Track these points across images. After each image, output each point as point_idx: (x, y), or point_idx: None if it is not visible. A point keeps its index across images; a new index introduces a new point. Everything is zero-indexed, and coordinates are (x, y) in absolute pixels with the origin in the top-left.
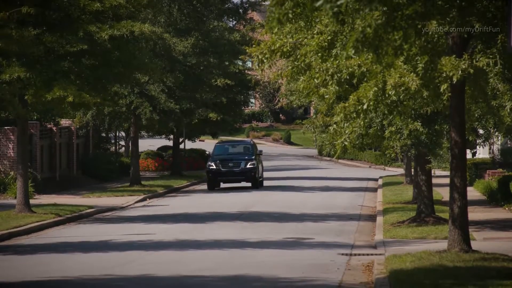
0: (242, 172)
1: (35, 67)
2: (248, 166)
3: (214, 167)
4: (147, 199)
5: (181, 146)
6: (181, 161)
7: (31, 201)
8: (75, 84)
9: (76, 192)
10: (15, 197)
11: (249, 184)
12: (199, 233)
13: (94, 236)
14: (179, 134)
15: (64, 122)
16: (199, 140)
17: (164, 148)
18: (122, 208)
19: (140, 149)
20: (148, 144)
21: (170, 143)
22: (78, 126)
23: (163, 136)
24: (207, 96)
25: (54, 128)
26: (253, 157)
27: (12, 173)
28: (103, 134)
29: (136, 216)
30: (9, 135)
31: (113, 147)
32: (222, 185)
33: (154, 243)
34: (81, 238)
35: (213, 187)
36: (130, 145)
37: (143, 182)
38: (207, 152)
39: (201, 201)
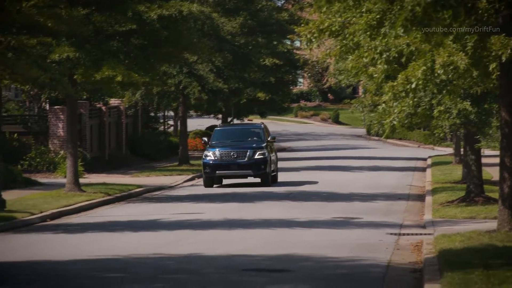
0: (248, 164)
1: (84, 46)
2: (256, 156)
3: (212, 157)
4: (196, 178)
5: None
6: None
7: (81, 180)
8: (124, 64)
9: (125, 171)
10: (65, 176)
11: (258, 180)
12: (248, 212)
13: (143, 215)
14: (228, 113)
15: (113, 101)
16: (248, 120)
17: (212, 128)
18: (170, 187)
19: (189, 128)
20: (196, 123)
21: (219, 122)
22: (127, 106)
23: (212, 115)
24: (255, 76)
25: (103, 108)
26: (263, 144)
27: (62, 152)
28: (152, 114)
29: (185, 195)
30: (59, 114)
31: (162, 127)
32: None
33: (203, 222)
34: (130, 217)
35: (211, 184)
36: (178, 124)
37: (191, 162)
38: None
39: (250, 180)
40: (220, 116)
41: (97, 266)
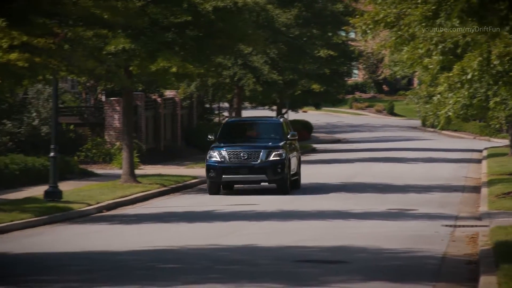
0: (261, 167)
1: (139, 38)
2: (272, 157)
3: (218, 159)
4: None
5: (285, 117)
6: None
7: (136, 172)
8: (179, 55)
9: (180, 162)
10: (121, 167)
11: (274, 186)
12: (302, 203)
13: (198, 206)
14: (282, 105)
15: (169, 93)
16: (302, 111)
17: None
18: None
19: None
20: (251, 115)
21: (273, 114)
22: (182, 97)
23: (266, 107)
24: (310, 67)
25: (158, 99)
26: (281, 143)
27: (118, 143)
28: (207, 105)
29: (240, 186)
30: (115, 106)
31: (217, 118)
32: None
33: (257, 213)
34: (186, 208)
35: (217, 191)
36: (233, 115)
37: None
38: (313, 123)
39: (304, 172)
40: (274, 107)
41: (153, 257)
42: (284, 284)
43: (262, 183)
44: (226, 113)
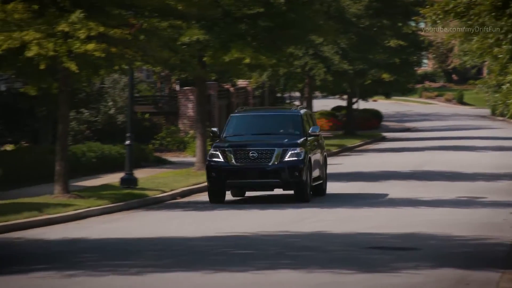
0: (275, 170)
1: (213, 29)
2: (287, 157)
3: (221, 159)
4: None
5: (354, 106)
6: (354, 121)
7: None
8: (251, 46)
9: None
10: (194, 155)
11: (289, 193)
12: (372, 191)
13: (270, 192)
14: (353, 94)
15: (241, 82)
16: (372, 100)
17: (337, 108)
18: None
19: (314, 109)
20: (322, 104)
21: (344, 103)
22: (254, 87)
23: (337, 96)
24: (380, 57)
25: (231, 89)
26: (300, 140)
27: (191, 132)
28: (278, 94)
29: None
30: (189, 95)
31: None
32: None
33: (328, 201)
34: (258, 194)
35: (220, 198)
36: (304, 105)
37: None
38: (383, 112)
39: (374, 160)
40: (345, 97)
41: (226, 243)
42: (355, 270)
43: (275, 189)
44: (297, 102)
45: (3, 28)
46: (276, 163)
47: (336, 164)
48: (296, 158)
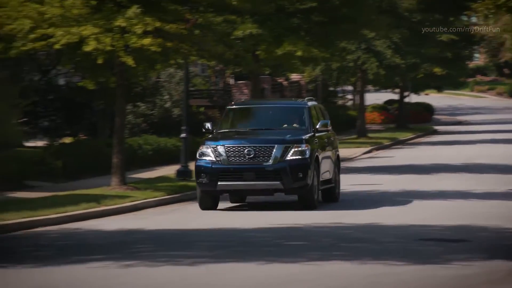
0: (275, 171)
1: (266, 24)
2: (290, 156)
3: (212, 157)
4: (373, 150)
5: (406, 99)
6: (406, 114)
7: None
8: (304, 40)
9: None
10: None
11: (293, 198)
12: (424, 184)
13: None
14: (405, 88)
15: (294, 76)
16: (424, 94)
17: (389, 102)
18: (349, 159)
19: (367, 102)
20: (374, 97)
21: (396, 96)
22: (307, 81)
23: (389, 90)
24: (432, 51)
25: (284, 82)
26: (306, 136)
27: None
28: (331, 88)
29: (363, 167)
30: (243, 89)
31: (340, 101)
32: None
33: (381, 193)
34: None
35: (211, 204)
36: (357, 98)
37: (369, 135)
38: (434, 105)
39: (425, 153)
40: (397, 90)
41: (279, 234)
42: (407, 261)
43: (276, 193)
44: (349, 96)
45: (62, 24)
46: (276, 162)
47: (388, 157)
48: (300, 157)
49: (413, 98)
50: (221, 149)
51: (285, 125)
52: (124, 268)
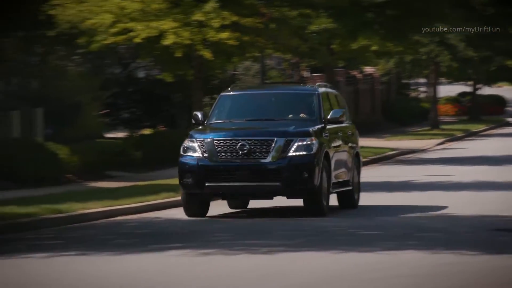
0: (273, 170)
1: (341, 18)
2: (292, 152)
3: (199, 153)
4: (446, 142)
5: (479, 92)
6: (478, 106)
7: None
8: (378, 34)
9: (378, 135)
10: None
11: (298, 202)
12: (496, 175)
13: (396, 176)
14: (477, 80)
15: (368, 69)
16: (497, 86)
17: (462, 94)
18: (422, 150)
19: (440, 94)
20: (447, 90)
21: (469, 89)
22: (381, 73)
23: (462, 82)
24: (505, 44)
25: (358, 75)
26: (313, 128)
27: None
28: (404, 81)
29: (436, 158)
30: (317, 81)
31: (414, 93)
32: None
33: (453, 184)
34: (384, 178)
35: (198, 210)
36: (430, 91)
37: (442, 126)
38: (507, 98)
39: (498, 144)
40: (470, 82)
41: (352, 224)
42: (480, 251)
43: (276, 196)
44: (423, 88)
45: (142, 18)
46: (275, 159)
47: (460, 149)
48: (305, 153)
49: (486, 90)
50: (209, 143)
51: (290, 115)
52: (202, 256)
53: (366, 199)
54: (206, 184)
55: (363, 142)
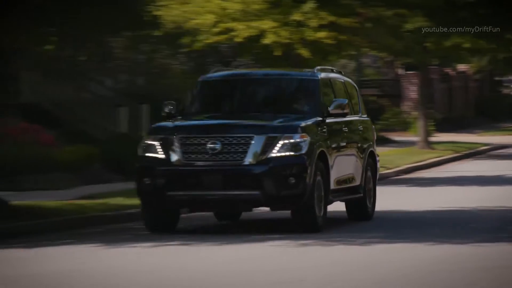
0: (252, 175)
1: (435, 17)
2: (275, 153)
3: (161, 154)
4: None
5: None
6: None
7: (431, 139)
8: (471, 32)
9: (471, 130)
10: (417, 135)
11: (286, 214)
12: None
13: (488, 171)
14: None
15: (461, 67)
16: None
17: None
18: None
19: None
20: None
21: None
22: (474, 71)
23: None
24: None
25: (451, 73)
26: (305, 122)
27: (414, 113)
28: (497, 78)
29: None
30: (411, 79)
31: (506, 90)
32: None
33: None
34: (477, 172)
35: (160, 226)
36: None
37: None
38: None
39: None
40: None
41: (445, 217)
42: None
43: (255, 208)
44: None
45: (243, 18)
46: (255, 161)
47: None
48: (291, 153)
49: None
50: (173, 141)
51: (281, 106)
52: (301, 247)
53: (456, 192)
54: (168, 193)
55: (456, 137)
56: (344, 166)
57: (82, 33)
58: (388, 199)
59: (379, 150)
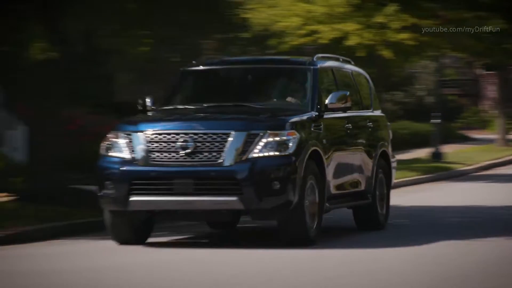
0: (229, 179)
1: None
2: (256, 153)
3: (126, 154)
4: None
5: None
6: None
7: (509, 137)
8: None
9: None
10: (495, 133)
11: (270, 224)
12: None
13: None
14: None
15: None
16: None
17: None
18: None
19: None
20: None
21: None
22: None
23: None
24: None
25: None
26: (295, 118)
27: (492, 112)
28: None
29: None
30: (490, 79)
31: None
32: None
33: None
34: None
35: (126, 237)
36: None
37: None
38: None
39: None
40: None
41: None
42: None
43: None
44: None
45: (327, 21)
46: (233, 162)
47: None
48: (276, 153)
49: None
50: (140, 138)
51: (274, 99)
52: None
53: None
54: (131, 199)
55: None
56: (347, 167)
57: (176, 35)
58: (468, 194)
59: (458, 148)
